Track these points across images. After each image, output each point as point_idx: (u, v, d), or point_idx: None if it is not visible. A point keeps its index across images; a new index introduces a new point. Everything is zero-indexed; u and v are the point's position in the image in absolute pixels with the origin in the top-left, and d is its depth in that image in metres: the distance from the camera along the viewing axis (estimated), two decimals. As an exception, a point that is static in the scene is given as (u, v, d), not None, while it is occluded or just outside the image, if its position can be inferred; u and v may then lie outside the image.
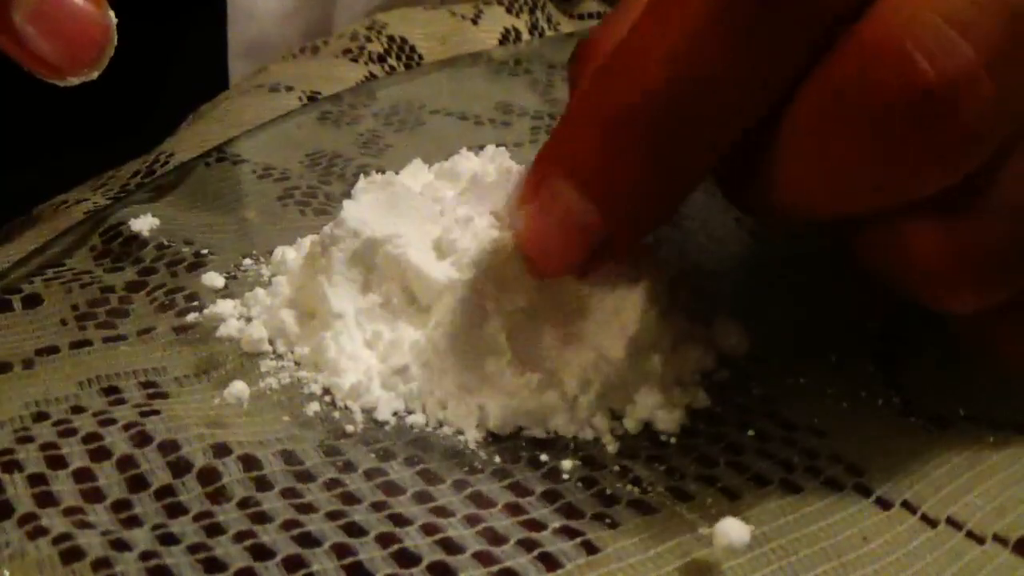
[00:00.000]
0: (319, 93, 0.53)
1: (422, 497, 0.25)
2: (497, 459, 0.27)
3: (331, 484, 0.25)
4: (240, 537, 0.23)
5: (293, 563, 0.23)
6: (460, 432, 0.27)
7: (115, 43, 0.31)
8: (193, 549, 0.23)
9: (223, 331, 0.31)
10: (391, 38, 0.60)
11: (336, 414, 0.28)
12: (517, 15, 0.67)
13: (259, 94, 0.52)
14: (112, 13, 0.31)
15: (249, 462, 0.26)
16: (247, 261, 0.35)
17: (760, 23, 0.22)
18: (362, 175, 0.33)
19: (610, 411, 0.28)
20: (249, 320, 0.31)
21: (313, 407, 0.28)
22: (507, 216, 0.28)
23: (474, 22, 0.65)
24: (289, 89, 0.52)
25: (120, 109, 0.49)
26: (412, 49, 0.61)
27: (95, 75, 0.32)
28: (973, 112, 0.22)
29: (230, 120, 0.48)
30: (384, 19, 0.60)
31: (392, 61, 0.59)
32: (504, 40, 0.66)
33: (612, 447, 0.27)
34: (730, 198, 0.27)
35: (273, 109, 0.50)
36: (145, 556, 0.22)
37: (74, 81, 0.32)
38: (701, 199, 0.44)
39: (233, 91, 0.54)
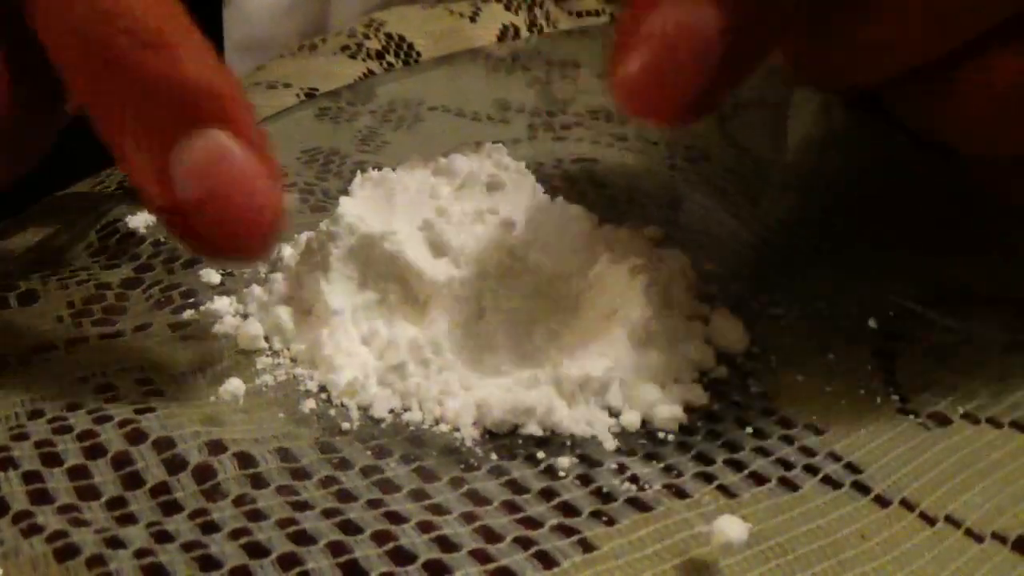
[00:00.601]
0: (316, 90, 0.53)
1: (418, 495, 0.25)
2: (494, 456, 0.27)
3: (327, 481, 0.25)
4: (235, 535, 0.23)
5: (288, 561, 0.23)
6: (457, 429, 0.27)
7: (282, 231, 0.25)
8: (188, 547, 0.23)
9: (219, 328, 0.30)
10: (389, 35, 0.60)
11: (332, 411, 0.28)
12: (516, 12, 0.67)
13: (256, 91, 0.51)
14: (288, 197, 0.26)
15: (244, 459, 0.25)
16: (244, 258, 0.35)
17: None
18: (359, 172, 0.32)
19: (608, 408, 0.28)
20: (245, 317, 0.31)
21: (309, 404, 0.28)
22: (609, 64, 0.25)
23: (472, 20, 0.65)
24: (287, 86, 0.52)
25: None
26: (410, 47, 0.61)
27: (249, 266, 0.27)
28: None
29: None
30: (382, 17, 0.60)
31: (390, 58, 0.59)
32: (502, 37, 0.66)
33: (609, 444, 0.27)
34: (804, 70, 0.29)
35: (271, 106, 0.50)
36: (140, 554, 0.22)
37: (222, 265, 0.27)
38: (702, 200, 0.44)
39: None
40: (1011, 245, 0.40)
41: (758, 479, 0.27)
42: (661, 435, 0.28)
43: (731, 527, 0.24)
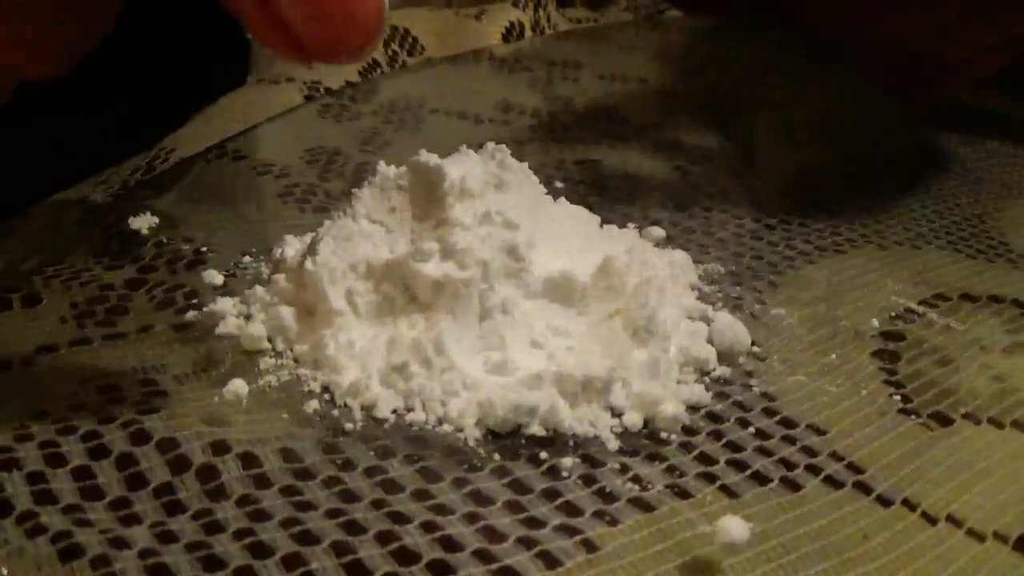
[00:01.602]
0: (320, 83, 0.53)
1: (421, 495, 0.25)
2: (497, 457, 0.27)
3: (330, 482, 0.25)
4: (239, 535, 0.23)
5: (292, 561, 0.23)
6: (460, 429, 0.27)
7: (384, 33, 0.25)
8: (192, 547, 0.23)
9: (222, 329, 0.30)
10: (395, 27, 0.60)
11: (335, 412, 0.28)
12: (523, 9, 0.67)
13: (260, 89, 0.51)
14: None
15: (248, 460, 0.25)
16: (246, 258, 0.35)
17: None
18: (380, 164, 0.32)
19: (610, 409, 0.28)
20: (248, 318, 0.31)
21: (312, 405, 0.28)
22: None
23: (477, 18, 0.66)
24: (290, 80, 0.52)
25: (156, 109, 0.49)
26: (415, 40, 0.61)
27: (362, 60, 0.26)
28: None
29: (230, 116, 0.48)
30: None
31: (395, 47, 0.59)
32: (507, 35, 0.66)
33: (612, 445, 0.27)
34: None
35: (274, 103, 0.50)
36: (144, 554, 0.22)
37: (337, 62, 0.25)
38: (704, 200, 0.44)
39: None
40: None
41: (760, 479, 0.27)
42: (663, 435, 0.28)
43: (733, 527, 0.24)
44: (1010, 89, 0.61)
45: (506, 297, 0.30)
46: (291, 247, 0.34)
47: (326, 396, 0.28)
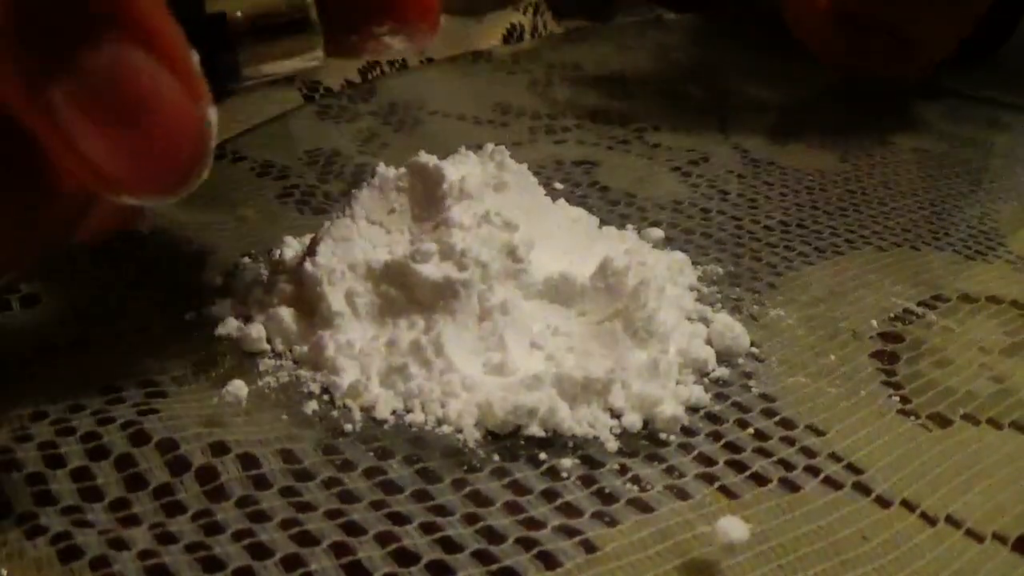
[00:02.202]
0: (320, 83, 0.53)
1: (421, 496, 0.25)
2: (496, 457, 0.27)
3: (329, 483, 0.25)
4: (238, 536, 0.23)
5: (291, 562, 0.23)
6: (459, 430, 0.27)
7: (211, 156, 0.21)
8: (191, 548, 0.23)
9: (221, 330, 0.30)
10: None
11: (335, 413, 0.28)
12: (524, 12, 0.68)
13: (258, 89, 0.51)
14: (213, 111, 0.20)
15: (247, 461, 0.26)
16: (246, 260, 0.35)
17: None
18: (379, 165, 0.32)
19: (609, 410, 0.28)
20: (248, 319, 0.31)
21: (311, 406, 0.28)
22: None
23: (478, 20, 0.66)
24: (289, 80, 0.52)
25: None
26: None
27: (173, 199, 0.20)
28: None
29: (230, 116, 0.48)
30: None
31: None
32: (508, 37, 0.66)
33: (611, 445, 0.27)
34: None
35: (273, 103, 0.50)
36: (143, 555, 0.22)
37: (143, 202, 0.21)
38: (702, 201, 0.44)
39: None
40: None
41: (759, 480, 0.27)
42: (663, 436, 0.28)
43: (733, 528, 0.24)
44: (1010, 89, 0.61)
45: (505, 298, 0.30)
46: (290, 248, 0.34)
47: (325, 397, 0.28)
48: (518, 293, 0.31)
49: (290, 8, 0.26)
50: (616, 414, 0.28)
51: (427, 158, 0.33)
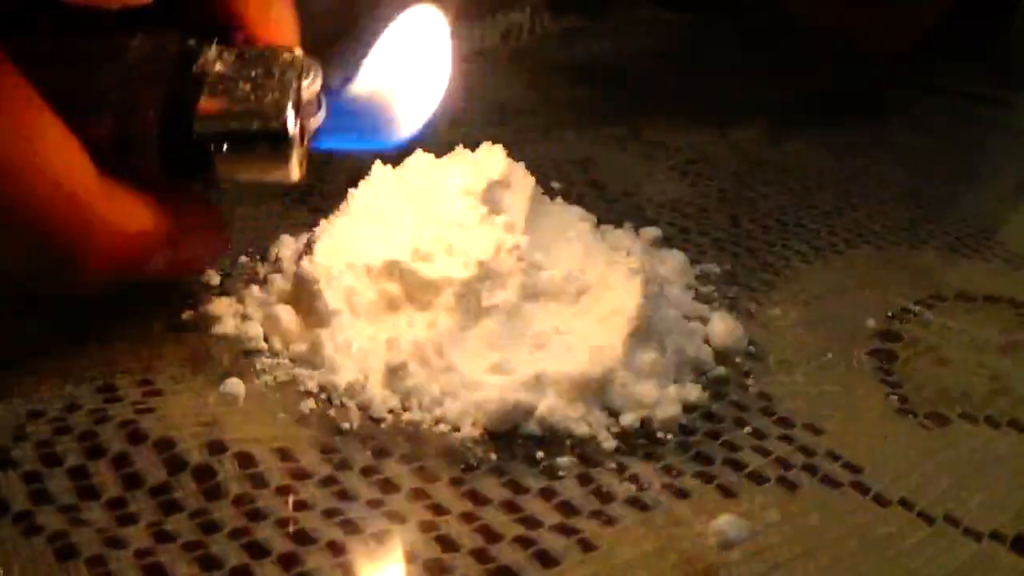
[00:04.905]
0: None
1: (418, 494, 0.25)
2: (493, 456, 0.27)
3: (327, 481, 0.25)
4: (235, 534, 0.23)
5: (288, 560, 0.23)
6: (457, 429, 0.27)
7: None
8: (188, 547, 0.23)
9: (219, 328, 0.30)
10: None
11: (332, 411, 0.28)
12: (520, 11, 0.67)
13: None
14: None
15: (244, 459, 0.25)
16: (243, 258, 0.35)
17: None
18: (377, 164, 0.32)
19: (607, 408, 0.28)
20: (245, 317, 0.31)
21: (309, 404, 0.28)
22: None
23: (477, 19, 0.66)
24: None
25: None
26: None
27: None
28: None
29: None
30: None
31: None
32: (507, 35, 0.66)
33: (609, 444, 0.27)
34: None
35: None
36: (140, 554, 0.22)
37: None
38: (700, 200, 0.44)
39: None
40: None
41: (757, 478, 0.27)
42: (660, 435, 0.28)
43: (730, 526, 0.24)
44: (1002, 84, 0.61)
45: (503, 297, 0.30)
46: (288, 247, 0.34)
47: (323, 396, 0.28)
48: (516, 292, 0.31)
49: (261, 127, 0.27)
50: (614, 413, 0.28)
51: (425, 157, 0.33)
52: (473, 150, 0.34)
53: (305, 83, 0.27)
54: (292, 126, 0.27)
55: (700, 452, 0.27)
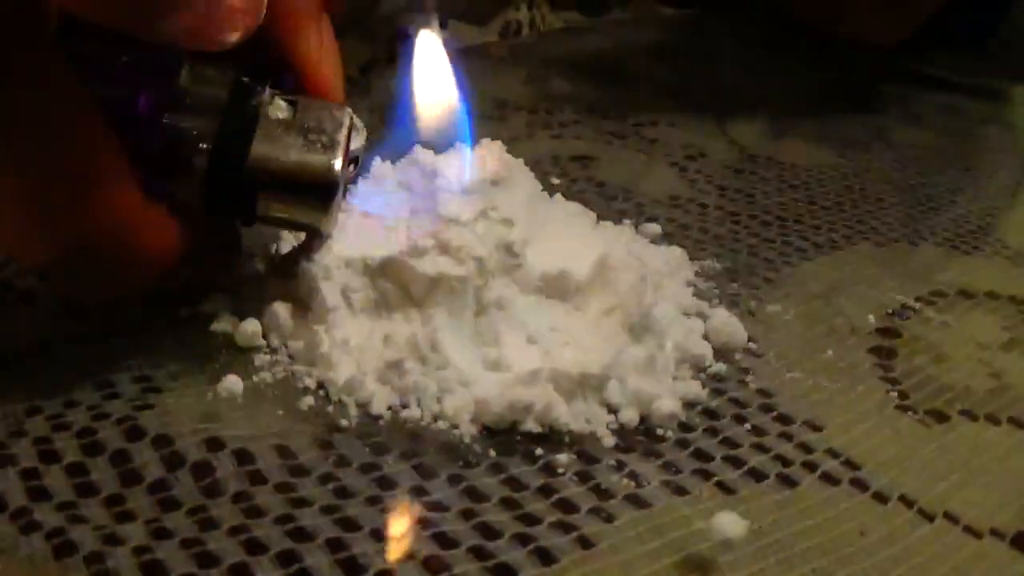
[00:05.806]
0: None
1: (417, 492, 0.25)
2: (492, 453, 0.27)
3: (325, 478, 0.25)
4: (234, 531, 0.23)
5: (287, 557, 0.23)
6: (455, 426, 0.27)
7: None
8: (187, 544, 0.23)
9: (217, 326, 0.30)
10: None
11: (330, 408, 0.28)
12: (517, 8, 0.67)
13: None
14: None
15: (243, 456, 0.25)
16: (241, 255, 0.35)
17: None
18: (375, 161, 0.32)
19: (606, 405, 0.28)
20: (243, 314, 0.31)
21: (307, 401, 0.28)
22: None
23: (476, 17, 0.66)
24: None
25: None
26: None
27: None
28: None
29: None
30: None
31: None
32: (505, 31, 0.66)
33: (608, 441, 0.27)
34: None
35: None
36: (138, 551, 0.22)
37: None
38: (700, 197, 0.44)
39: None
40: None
41: (757, 475, 0.27)
42: (659, 432, 0.28)
43: (730, 523, 0.24)
44: (1001, 77, 0.61)
45: (502, 294, 0.30)
46: (286, 243, 0.34)
47: (321, 392, 0.28)
48: (515, 289, 0.31)
49: (311, 180, 0.27)
50: (613, 410, 0.28)
51: (423, 153, 0.33)
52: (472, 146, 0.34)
53: (352, 142, 0.28)
54: (340, 182, 0.27)
55: (699, 449, 0.27)
